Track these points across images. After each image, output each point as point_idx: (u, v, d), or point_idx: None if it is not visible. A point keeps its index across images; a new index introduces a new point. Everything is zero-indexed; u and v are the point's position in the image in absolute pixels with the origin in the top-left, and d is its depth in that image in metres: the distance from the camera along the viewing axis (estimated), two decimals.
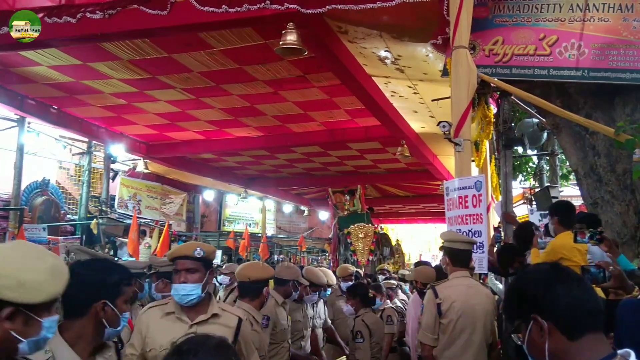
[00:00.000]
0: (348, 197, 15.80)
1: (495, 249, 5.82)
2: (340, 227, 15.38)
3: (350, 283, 6.72)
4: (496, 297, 5.07)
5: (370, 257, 14.40)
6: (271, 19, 6.18)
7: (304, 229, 25.44)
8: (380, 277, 8.78)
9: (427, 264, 7.50)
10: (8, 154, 12.40)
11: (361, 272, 9.16)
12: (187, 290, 2.97)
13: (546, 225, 5.05)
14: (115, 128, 12.92)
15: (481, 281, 5.11)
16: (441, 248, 4.19)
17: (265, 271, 3.90)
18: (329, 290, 6.13)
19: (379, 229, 15.48)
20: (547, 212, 5.22)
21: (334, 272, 7.19)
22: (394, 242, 17.17)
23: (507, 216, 5.59)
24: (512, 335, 1.65)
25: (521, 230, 5.15)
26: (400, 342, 6.30)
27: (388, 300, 6.64)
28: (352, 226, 14.94)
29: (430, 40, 5.81)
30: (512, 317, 1.67)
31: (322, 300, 5.82)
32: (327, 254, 23.30)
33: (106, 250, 13.30)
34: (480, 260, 4.39)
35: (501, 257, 4.96)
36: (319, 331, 5.78)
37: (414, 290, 6.28)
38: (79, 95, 10.44)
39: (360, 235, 14.69)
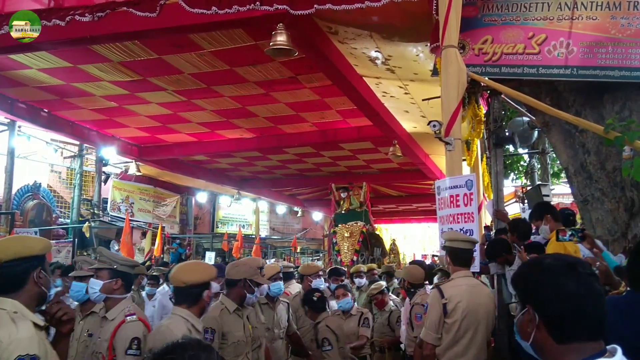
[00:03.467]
0: (344, 195, 15.29)
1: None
2: (336, 224, 14.91)
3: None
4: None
5: (355, 258, 13.52)
6: (261, 20, 6.18)
7: (297, 230, 25.44)
8: (358, 280, 7.92)
9: (421, 263, 7.47)
10: None
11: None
12: None
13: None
14: (107, 131, 12.88)
15: (478, 278, 5.13)
16: (444, 248, 4.18)
17: (203, 273, 3.33)
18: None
19: (370, 229, 14.78)
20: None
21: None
22: (389, 242, 16.88)
23: (499, 213, 5.60)
24: (509, 305, 1.65)
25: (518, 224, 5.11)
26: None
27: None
28: (339, 225, 14.38)
29: (425, 42, 5.83)
30: (516, 291, 1.66)
31: (284, 303, 5.29)
32: (320, 254, 23.33)
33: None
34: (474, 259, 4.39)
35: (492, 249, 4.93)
36: (278, 342, 5.16)
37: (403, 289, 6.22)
38: (70, 98, 10.40)
39: (345, 235, 14.08)
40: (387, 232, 24.53)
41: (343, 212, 15.02)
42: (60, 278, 6.55)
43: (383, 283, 6.88)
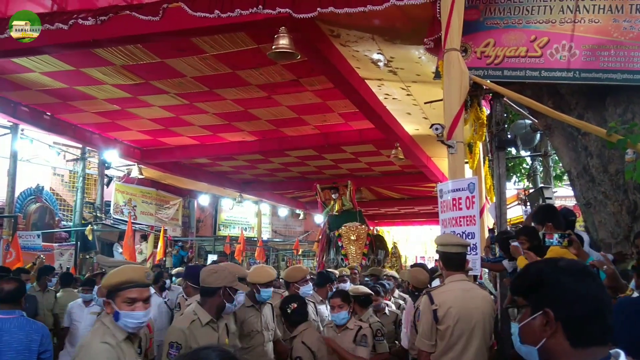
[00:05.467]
0: (335, 196, 14.70)
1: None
2: (331, 227, 14.28)
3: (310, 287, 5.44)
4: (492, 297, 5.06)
5: (364, 261, 12.96)
6: (263, 24, 6.18)
7: (299, 233, 25.43)
8: (342, 285, 6.89)
9: (423, 266, 7.45)
10: (1, 161, 12.37)
11: (336, 272, 7.68)
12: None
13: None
14: (109, 134, 12.90)
15: (479, 282, 5.11)
16: (436, 252, 4.16)
17: (131, 273, 2.94)
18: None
19: (374, 231, 14.42)
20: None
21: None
22: (390, 245, 16.68)
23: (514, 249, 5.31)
24: (509, 309, 1.63)
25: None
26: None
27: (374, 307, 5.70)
28: (343, 227, 13.75)
29: (422, 44, 5.83)
30: (520, 294, 1.59)
31: (268, 304, 4.86)
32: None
33: None
34: (473, 262, 4.39)
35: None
36: (270, 345, 4.68)
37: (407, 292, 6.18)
38: (72, 102, 10.42)
39: (352, 238, 13.51)
40: (390, 234, 24.52)
41: (336, 213, 14.59)
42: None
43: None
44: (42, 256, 10.21)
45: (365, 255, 13.44)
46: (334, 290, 6.06)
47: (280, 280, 7.17)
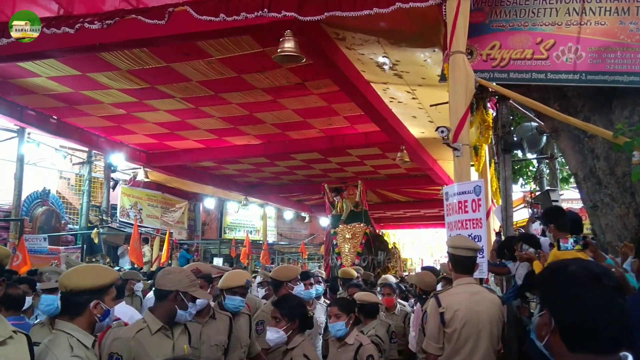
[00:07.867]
0: (336, 198, 14.25)
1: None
2: (333, 226, 13.90)
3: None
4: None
5: (357, 261, 12.20)
6: (269, 27, 6.18)
7: (305, 236, 25.44)
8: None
9: (432, 269, 7.38)
10: (8, 165, 12.44)
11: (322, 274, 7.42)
12: None
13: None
14: (115, 137, 12.96)
15: (485, 286, 5.08)
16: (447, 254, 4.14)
17: (94, 277, 2.75)
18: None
19: (372, 230, 13.76)
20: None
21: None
22: (390, 246, 16.41)
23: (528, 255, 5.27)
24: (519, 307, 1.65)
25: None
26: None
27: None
28: (340, 226, 13.24)
29: (433, 48, 5.82)
30: (536, 288, 1.64)
31: (244, 315, 4.34)
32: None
33: (108, 260, 13.32)
34: (480, 265, 4.37)
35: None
36: None
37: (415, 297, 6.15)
38: (79, 106, 10.47)
39: (347, 236, 12.83)
40: (395, 237, 24.48)
41: (338, 214, 14.07)
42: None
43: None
44: (55, 262, 10.25)
45: (359, 254, 12.70)
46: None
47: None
